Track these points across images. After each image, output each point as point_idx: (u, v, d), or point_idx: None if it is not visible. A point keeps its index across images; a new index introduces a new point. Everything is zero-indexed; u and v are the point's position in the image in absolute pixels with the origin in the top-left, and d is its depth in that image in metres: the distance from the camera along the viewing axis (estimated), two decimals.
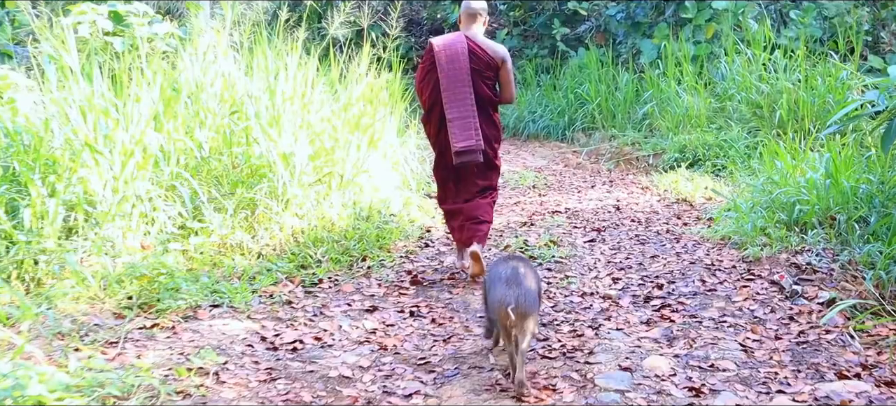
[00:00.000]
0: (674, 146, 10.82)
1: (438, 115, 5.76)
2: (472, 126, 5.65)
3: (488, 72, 5.76)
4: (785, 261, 5.91)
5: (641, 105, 12.84)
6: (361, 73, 7.98)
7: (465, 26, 5.88)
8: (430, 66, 5.77)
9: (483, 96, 5.75)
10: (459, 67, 5.65)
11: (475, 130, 5.65)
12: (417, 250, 6.60)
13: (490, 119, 5.85)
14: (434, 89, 5.73)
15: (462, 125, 5.64)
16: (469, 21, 5.87)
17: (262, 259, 5.94)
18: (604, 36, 15.44)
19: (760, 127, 10.86)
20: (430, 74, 5.78)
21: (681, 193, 8.89)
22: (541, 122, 14.44)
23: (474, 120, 5.66)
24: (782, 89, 10.85)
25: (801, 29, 12.51)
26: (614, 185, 9.82)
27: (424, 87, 5.84)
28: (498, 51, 5.81)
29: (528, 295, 3.91)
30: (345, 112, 7.48)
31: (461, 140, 5.63)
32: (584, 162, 11.86)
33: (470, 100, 5.66)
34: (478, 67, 5.71)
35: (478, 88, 5.71)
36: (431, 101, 5.79)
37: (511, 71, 5.88)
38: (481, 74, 5.73)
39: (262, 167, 6.56)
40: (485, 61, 5.73)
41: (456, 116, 5.64)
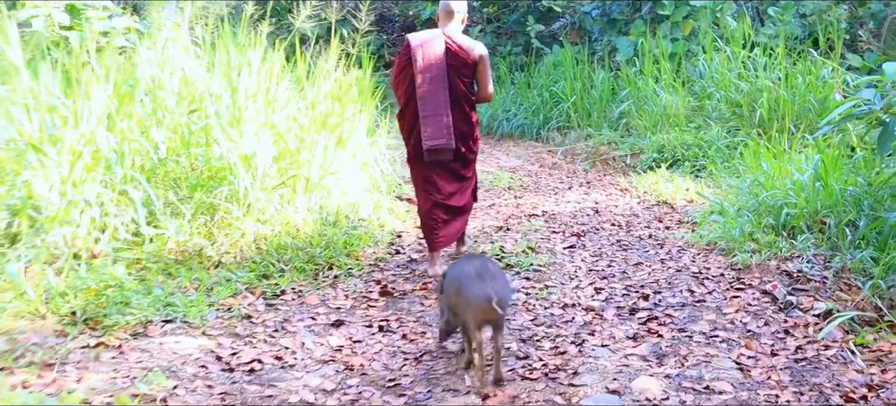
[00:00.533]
0: (652, 146, 10.51)
1: (413, 111, 5.68)
2: (445, 124, 5.59)
3: (465, 69, 5.70)
4: (775, 268, 5.59)
5: (618, 104, 12.52)
6: (329, 69, 7.57)
7: (443, 23, 5.79)
8: (407, 61, 5.69)
9: (459, 94, 5.69)
10: (435, 64, 5.60)
11: (447, 128, 5.59)
12: (387, 257, 6.20)
13: (466, 117, 5.78)
14: (409, 85, 5.67)
15: (435, 123, 5.58)
16: (447, 18, 5.79)
17: (221, 268, 5.54)
18: (579, 33, 15.12)
19: (740, 126, 10.58)
20: (406, 70, 5.70)
21: (661, 195, 8.57)
22: (515, 120, 14.07)
23: (448, 118, 5.60)
24: (762, 88, 10.59)
25: (780, 27, 12.25)
26: (592, 187, 9.48)
27: (400, 82, 5.76)
28: (475, 48, 5.72)
29: (504, 289, 3.91)
30: (311, 111, 7.08)
31: (433, 138, 5.59)
32: (560, 162, 11.52)
33: (444, 97, 5.60)
34: (454, 65, 5.65)
35: (454, 86, 5.65)
36: (406, 97, 5.72)
37: (488, 69, 5.80)
38: (458, 72, 5.67)
39: (222, 169, 6.16)
40: (462, 59, 5.67)
41: (429, 113, 5.58)
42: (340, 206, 6.71)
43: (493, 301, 3.71)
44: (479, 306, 3.79)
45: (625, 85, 12.49)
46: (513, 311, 4.98)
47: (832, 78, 10.47)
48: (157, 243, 5.56)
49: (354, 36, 7.84)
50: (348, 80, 8.09)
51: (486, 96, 5.87)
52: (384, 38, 19.96)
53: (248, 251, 5.75)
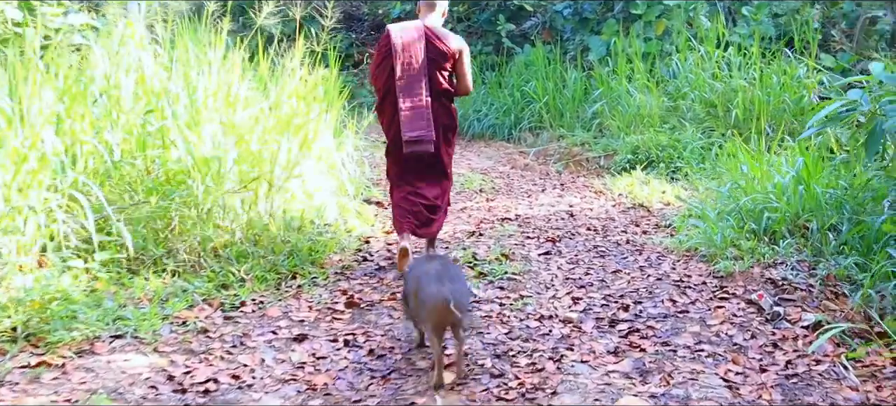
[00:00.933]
0: (626, 147, 10.28)
1: (392, 103, 5.62)
2: (425, 116, 5.53)
3: (445, 62, 5.63)
4: (759, 276, 5.36)
5: (591, 104, 12.28)
6: (294, 68, 7.25)
7: (424, 15, 5.73)
8: (386, 53, 5.61)
9: (439, 87, 5.64)
10: (415, 56, 5.53)
11: (427, 121, 5.53)
12: (354, 265, 5.89)
13: (446, 110, 5.75)
14: (389, 77, 5.59)
15: (414, 115, 5.52)
16: (427, 10, 5.73)
17: (177, 278, 5.21)
18: (550, 33, 14.87)
19: (715, 127, 10.39)
20: (386, 62, 5.62)
21: (637, 198, 8.33)
22: (486, 120, 13.78)
23: (427, 110, 5.54)
24: (737, 88, 10.39)
25: (754, 26, 12.08)
26: (566, 189, 9.22)
27: (379, 74, 5.70)
28: (455, 41, 5.66)
29: (462, 291, 3.90)
30: (275, 111, 6.75)
31: (412, 130, 5.52)
32: (532, 163, 11.25)
33: (424, 90, 5.55)
34: (434, 57, 5.58)
35: (434, 79, 5.60)
36: (385, 89, 5.65)
37: (468, 62, 5.76)
38: (438, 65, 5.60)
39: (180, 173, 5.82)
40: (442, 51, 5.59)
41: (408, 106, 5.52)
42: (305, 211, 6.39)
43: (451, 304, 3.66)
44: (434, 308, 3.74)
45: (598, 85, 12.26)
46: (487, 323, 4.70)
47: (808, 78, 10.31)
48: (110, 251, 5.23)
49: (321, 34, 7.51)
50: (314, 80, 7.78)
51: (466, 90, 5.83)
52: (353, 37, 19.63)
53: (206, 259, 5.42)
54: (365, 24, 20.00)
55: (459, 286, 3.90)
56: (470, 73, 5.81)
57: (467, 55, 5.75)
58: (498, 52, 15.21)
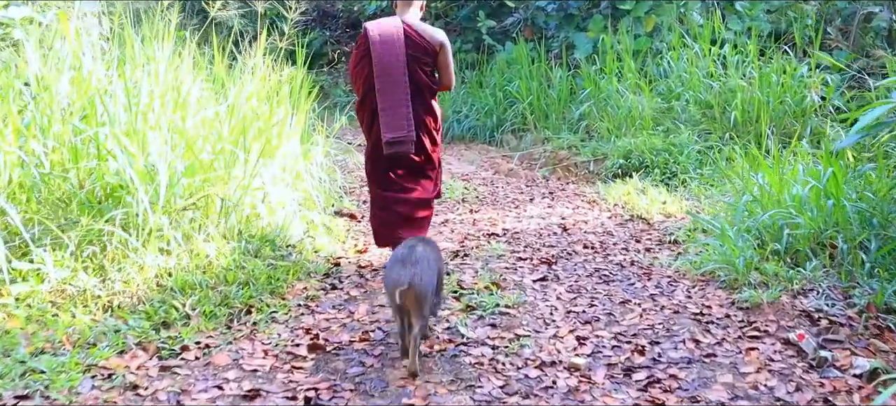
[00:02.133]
0: (617, 151, 9.48)
1: (372, 103, 5.36)
2: (404, 116, 5.28)
3: (426, 58, 5.38)
4: (789, 307, 4.57)
5: (577, 104, 11.47)
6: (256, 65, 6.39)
7: (401, 11, 5.49)
8: (365, 51, 5.33)
9: (420, 83, 5.37)
10: (395, 53, 5.26)
11: (407, 120, 5.28)
12: (321, 295, 5.01)
13: (428, 107, 5.46)
14: (368, 77, 5.32)
15: (394, 115, 5.27)
16: (404, 6, 5.48)
17: (111, 314, 4.36)
18: (532, 30, 14.06)
19: (712, 129, 9.63)
20: (364, 61, 5.35)
21: (634, 209, 7.53)
22: (466, 122, 12.95)
23: (407, 109, 5.28)
24: (735, 88, 9.64)
25: (749, 22, 11.32)
26: (556, 198, 8.40)
27: (358, 73, 5.42)
28: (436, 36, 5.40)
29: (424, 277, 3.79)
30: (232, 115, 5.89)
31: (391, 130, 5.27)
32: (517, 168, 10.42)
33: (404, 88, 5.28)
34: (415, 54, 5.32)
35: (415, 75, 5.33)
36: (365, 89, 5.38)
37: (450, 57, 5.48)
38: (418, 61, 5.34)
39: (118, 188, 4.96)
40: (422, 47, 5.34)
41: (388, 105, 5.27)
42: (265, 230, 5.53)
43: (403, 287, 3.66)
44: (392, 291, 3.74)
45: (585, 84, 11.45)
46: (477, 372, 3.87)
47: (810, 77, 9.58)
48: (30, 283, 4.37)
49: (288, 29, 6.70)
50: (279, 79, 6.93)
51: (448, 84, 5.56)
52: (327, 35, 18.75)
53: (146, 291, 4.56)
54: (339, 21, 19.13)
55: (420, 269, 3.79)
56: (452, 67, 5.52)
57: (449, 49, 5.45)
58: (478, 49, 14.38)
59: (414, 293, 3.70)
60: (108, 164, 5.02)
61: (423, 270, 3.80)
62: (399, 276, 3.72)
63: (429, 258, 3.94)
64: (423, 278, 3.77)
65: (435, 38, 5.38)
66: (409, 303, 3.74)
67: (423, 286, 3.76)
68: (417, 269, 3.77)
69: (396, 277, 3.73)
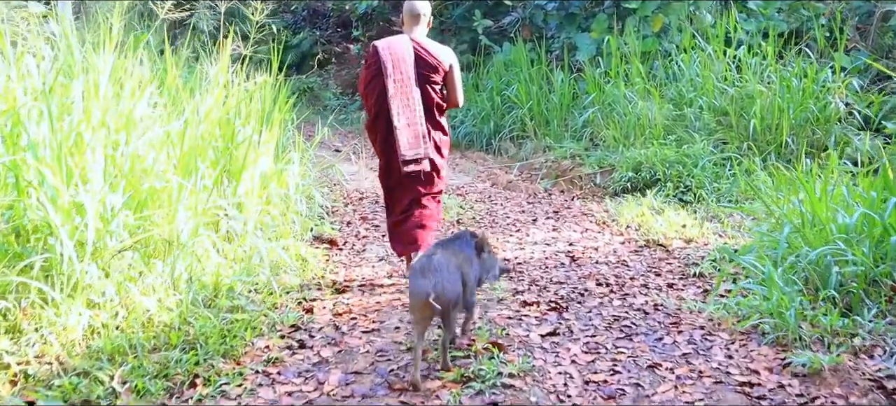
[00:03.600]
0: (626, 163, 8.57)
1: (385, 122, 5.25)
2: (421, 133, 5.24)
3: (436, 76, 5.30)
4: (856, 373, 3.67)
5: (580, 110, 10.55)
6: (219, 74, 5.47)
7: (409, 28, 5.39)
8: (376, 70, 5.24)
9: (430, 101, 5.30)
10: (406, 72, 5.20)
11: (423, 137, 5.25)
12: (285, 357, 4.05)
13: (438, 124, 5.42)
14: (380, 95, 5.22)
15: (410, 133, 5.22)
16: (412, 22, 5.38)
17: (21, 386, 3.44)
18: (531, 29, 13.14)
19: (728, 139, 8.72)
20: (376, 79, 5.24)
21: (650, 232, 6.62)
22: (462, 128, 12.01)
23: (422, 127, 5.25)
24: (754, 93, 8.73)
25: (764, 22, 10.41)
26: (561, 218, 7.47)
27: (370, 92, 5.29)
28: (445, 54, 5.35)
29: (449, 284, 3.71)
30: (183, 137, 4.94)
31: (409, 148, 5.22)
32: (517, 180, 9.51)
33: (418, 106, 5.23)
34: (425, 72, 5.26)
35: (425, 93, 5.27)
36: (378, 108, 5.26)
37: (458, 75, 5.41)
38: (429, 79, 5.27)
39: (40, 229, 4.04)
40: (432, 65, 5.27)
41: (404, 124, 5.20)
42: (221, 273, 4.59)
43: (430, 297, 3.57)
44: (416, 301, 3.66)
45: (588, 88, 10.54)
46: None
47: (834, 82, 8.70)
48: None
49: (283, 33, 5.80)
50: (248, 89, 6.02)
51: (456, 102, 5.48)
52: (318, 35, 17.82)
53: (68, 355, 3.65)
54: (330, 21, 18.20)
55: (442, 277, 3.70)
56: (461, 85, 5.44)
57: (458, 67, 5.39)
58: (474, 51, 13.45)
59: (436, 301, 3.58)
60: (30, 199, 4.10)
61: (445, 278, 3.70)
62: (422, 286, 3.62)
63: (449, 264, 3.82)
64: (447, 286, 3.68)
65: (445, 57, 5.30)
66: (434, 312, 3.63)
67: (447, 293, 3.67)
68: (439, 277, 3.67)
69: (420, 288, 3.63)
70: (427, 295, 3.58)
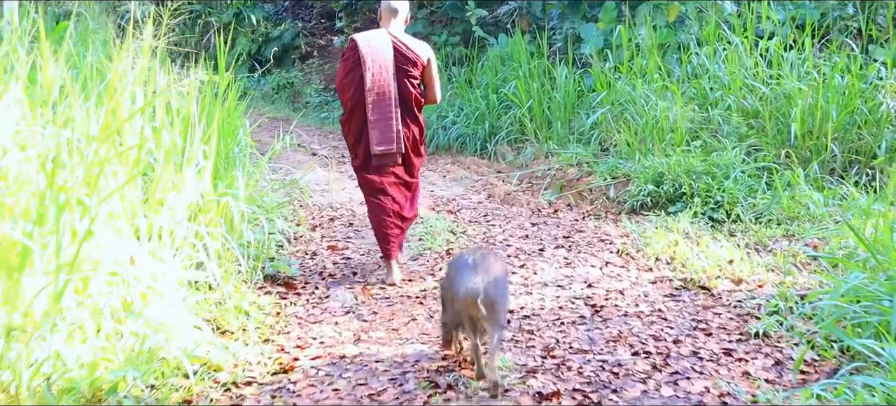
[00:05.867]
0: (644, 173, 7.15)
1: (360, 116, 5.15)
2: (393, 129, 5.14)
3: (414, 70, 5.20)
4: None
5: (588, 110, 9.12)
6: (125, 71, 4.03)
7: (386, 22, 5.29)
8: (354, 63, 5.13)
9: (408, 96, 5.19)
10: (384, 66, 5.11)
11: (396, 133, 5.15)
12: None
13: (415, 120, 5.30)
14: (357, 88, 5.12)
15: (383, 127, 5.13)
16: (390, 17, 5.28)
17: None
18: (529, 20, 11.70)
19: (761, 145, 7.32)
20: (354, 73, 5.14)
21: (686, 268, 5.21)
22: (454, 130, 10.52)
23: (397, 122, 5.15)
24: (794, 93, 7.33)
25: (793, 10, 8.98)
26: (573, 245, 6.00)
27: (347, 85, 5.17)
28: (423, 49, 5.26)
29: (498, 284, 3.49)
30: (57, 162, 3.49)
31: (380, 143, 5.14)
32: (516, 191, 8.08)
33: (393, 100, 5.13)
34: (403, 66, 5.16)
35: (402, 88, 5.17)
36: (354, 101, 5.15)
37: (436, 70, 5.35)
38: (407, 73, 5.17)
39: None
40: (410, 59, 5.17)
41: (378, 118, 5.11)
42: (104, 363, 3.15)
43: (479, 298, 3.34)
44: (464, 300, 3.42)
45: (597, 85, 9.11)
46: None
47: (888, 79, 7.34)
48: None
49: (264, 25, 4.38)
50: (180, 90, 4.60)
51: (434, 98, 5.44)
52: (300, 26, 16.36)
53: None
54: (313, 12, 16.72)
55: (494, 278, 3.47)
56: (438, 81, 5.40)
57: (435, 62, 5.34)
58: (467, 43, 11.98)
59: (489, 301, 3.37)
60: None
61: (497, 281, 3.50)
62: (474, 284, 3.39)
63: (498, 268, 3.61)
64: (498, 290, 3.48)
65: (423, 52, 5.23)
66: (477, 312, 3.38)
67: (498, 300, 3.46)
68: (490, 277, 3.45)
69: (472, 286, 3.39)
70: (477, 294, 3.34)
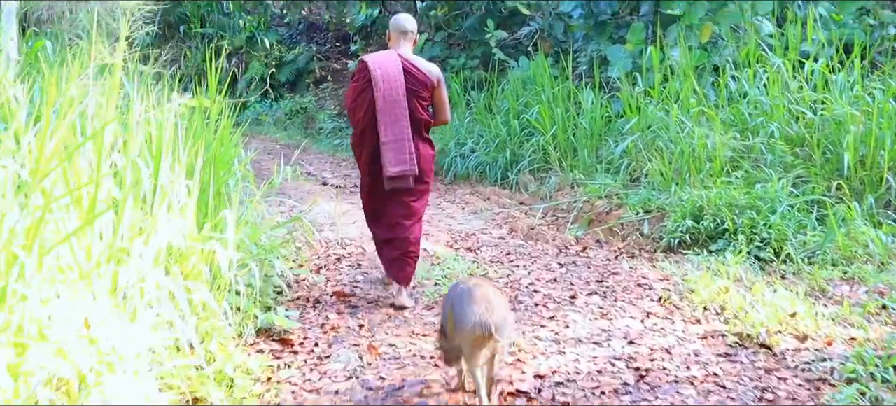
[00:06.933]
0: (681, 208, 6.47)
1: (372, 137, 5.05)
2: (407, 149, 5.02)
3: (424, 92, 5.12)
4: None
5: (616, 137, 8.45)
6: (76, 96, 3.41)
7: (395, 44, 5.24)
8: (365, 84, 5.05)
9: (418, 118, 5.10)
10: (395, 88, 5.00)
11: (409, 154, 5.02)
12: None
13: (425, 140, 5.20)
14: (368, 110, 5.03)
15: (397, 148, 5.00)
16: (400, 38, 5.23)
17: None
18: (551, 43, 11.07)
19: (809, 176, 6.63)
20: (365, 94, 5.05)
21: (740, 321, 4.51)
22: (472, 158, 9.85)
23: (409, 143, 5.02)
24: (846, 118, 6.65)
25: (836, 30, 8.29)
26: (608, 291, 5.29)
27: (357, 107, 5.11)
28: (432, 70, 5.18)
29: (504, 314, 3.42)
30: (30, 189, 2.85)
31: (395, 164, 4.99)
32: (541, 225, 7.41)
33: (405, 121, 5.02)
34: (413, 87, 5.07)
35: (413, 109, 5.06)
36: (365, 123, 5.07)
37: (445, 92, 5.25)
38: (417, 95, 5.08)
39: None
40: (420, 81, 5.08)
41: (391, 139, 4.99)
42: None
43: (491, 328, 3.25)
44: (472, 334, 3.29)
45: (626, 111, 8.45)
46: None
47: None
48: None
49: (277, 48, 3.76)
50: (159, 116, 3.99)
51: (444, 119, 5.34)
52: (314, 50, 15.80)
53: None
54: (328, 35, 16.17)
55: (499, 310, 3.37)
56: (447, 102, 5.28)
57: (444, 84, 5.22)
58: (487, 66, 11.35)
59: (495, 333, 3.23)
60: None
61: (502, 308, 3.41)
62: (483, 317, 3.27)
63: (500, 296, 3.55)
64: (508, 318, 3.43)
65: (432, 73, 5.16)
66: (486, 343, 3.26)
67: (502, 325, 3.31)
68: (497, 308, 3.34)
69: (481, 319, 3.27)
70: (489, 327, 3.24)
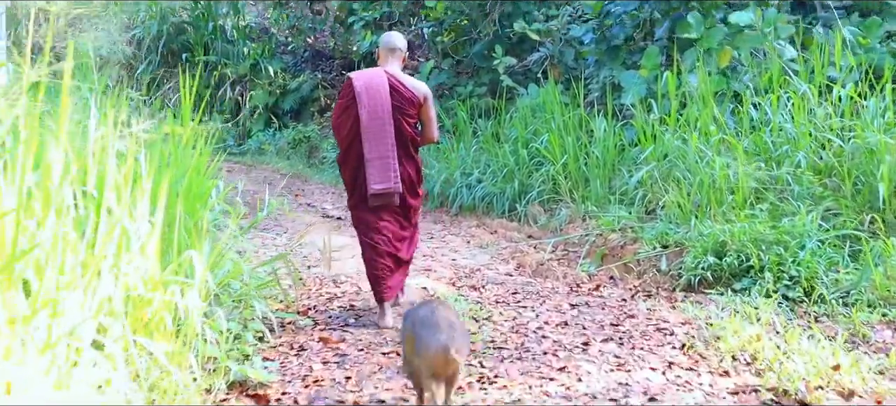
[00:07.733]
0: (702, 243, 5.97)
1: (357, 154, 5.04)
2: (391, 167, 5.00)
3: (411, 109, 5.10)
4: None
5: (630, 167, 7.94)
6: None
7: (384, 61, 5.22)
8: (350, 101, 5.05)
9: (405, 135, 5.10)
10: (381, 105, 4.99)
11: (394, 172, 5.01)
12: None
13: (412, 159, 5.19)
14: (353, 127, 5.04)
15: (381, 166, 4.99)
16: (388, 56, 5.22)
17: None
18: (561, 70, 10.60)
19: (839, 208, 6.11)
20: (349, 111, 5.06)
21: (774, 374, 3.97)
22: (479, 188, 9.33)
23: (394, 161, 5.01)
24: (879, 147, 6.14)
25: (863, 54, 7.77)
26: (624, 336, 4.74)
27: (342, 124, 5.12)
28: (419, 88, 5.17)
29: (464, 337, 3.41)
30: None
31: (378, 182, 4.99)
32: (550, 261, 6.89)
33: (390, 139, 5.01)
34: (400, 104, 5.05)
35: (399, 126, 5.05)
36: (349, 140, 5.08)
37: (433, 109, 5.23)
38: (403, 112, 5.06)
39: None
40: (407, 98, 5.07)
41: (375, 156, 4.98)
42: None
43: (451, 351, 3.19)
44: (434, 356, 3.24)
45: (640, 140, 7.95)
46: None
47: None
48: None
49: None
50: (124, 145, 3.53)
51: (431, 138, 5.31)
52: (319, 77, 15.39)
53: None
54: (333, 63, 15.76)
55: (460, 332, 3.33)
56: (435, 120, 5.25)
57: (432, 101, 5.22)
58: (494, 93, 10.88)
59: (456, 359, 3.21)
60: None
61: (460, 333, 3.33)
62: (442, 340, 3.21)
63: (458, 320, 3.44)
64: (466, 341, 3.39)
65: (419, 90, 5.12)
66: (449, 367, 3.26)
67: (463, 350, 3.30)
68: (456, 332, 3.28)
69: (440, 342, 3.21)
70: (448, 349, 3.16)
